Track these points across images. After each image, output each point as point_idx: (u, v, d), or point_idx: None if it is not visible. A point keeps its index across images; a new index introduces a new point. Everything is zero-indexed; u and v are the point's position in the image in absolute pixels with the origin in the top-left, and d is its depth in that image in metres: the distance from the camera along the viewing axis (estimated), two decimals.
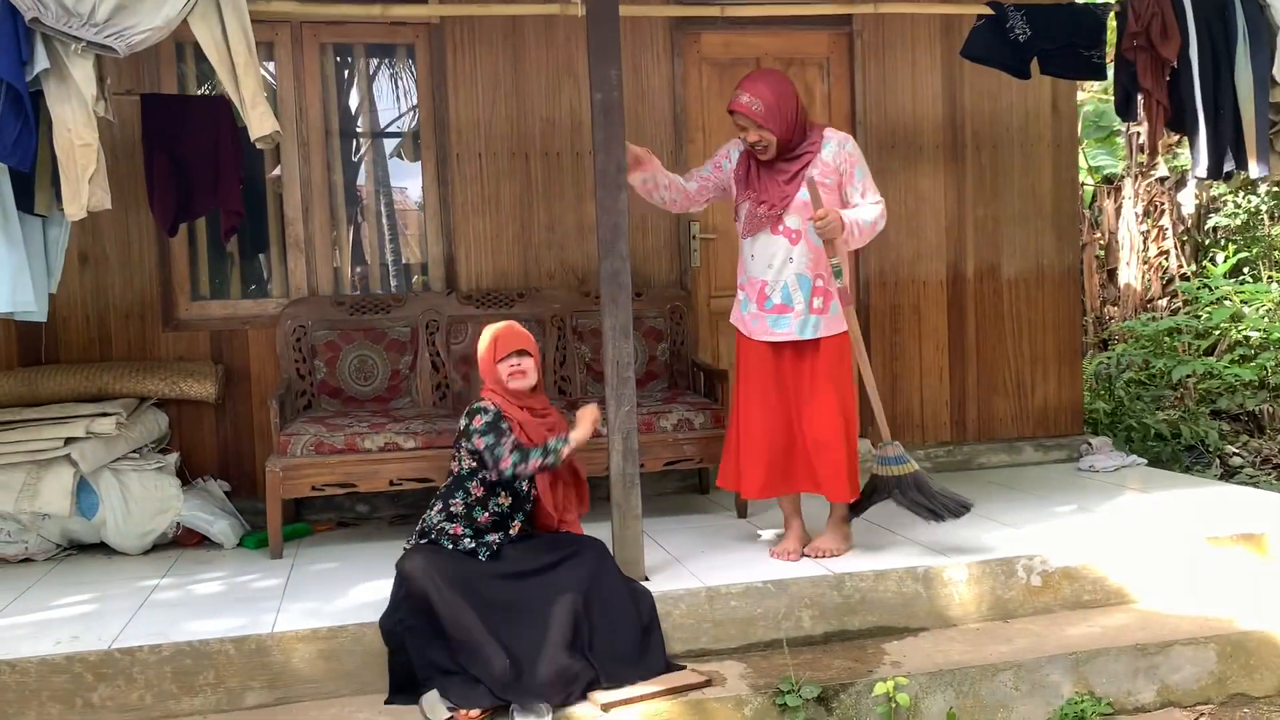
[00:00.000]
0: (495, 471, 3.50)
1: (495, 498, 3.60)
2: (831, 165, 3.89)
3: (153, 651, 3.32)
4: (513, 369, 3.61)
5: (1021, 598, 3.92)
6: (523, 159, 5.26)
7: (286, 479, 4.32)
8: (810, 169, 3.86)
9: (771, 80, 3.89)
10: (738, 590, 3.69)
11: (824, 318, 3.92)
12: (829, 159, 3.89)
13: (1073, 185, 5.92)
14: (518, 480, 3.55)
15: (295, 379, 4.93)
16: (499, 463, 3.48)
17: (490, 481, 3.56)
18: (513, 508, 3.63)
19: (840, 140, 3.93)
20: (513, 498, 3.62)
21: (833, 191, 3.89)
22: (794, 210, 3.88)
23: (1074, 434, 5.93)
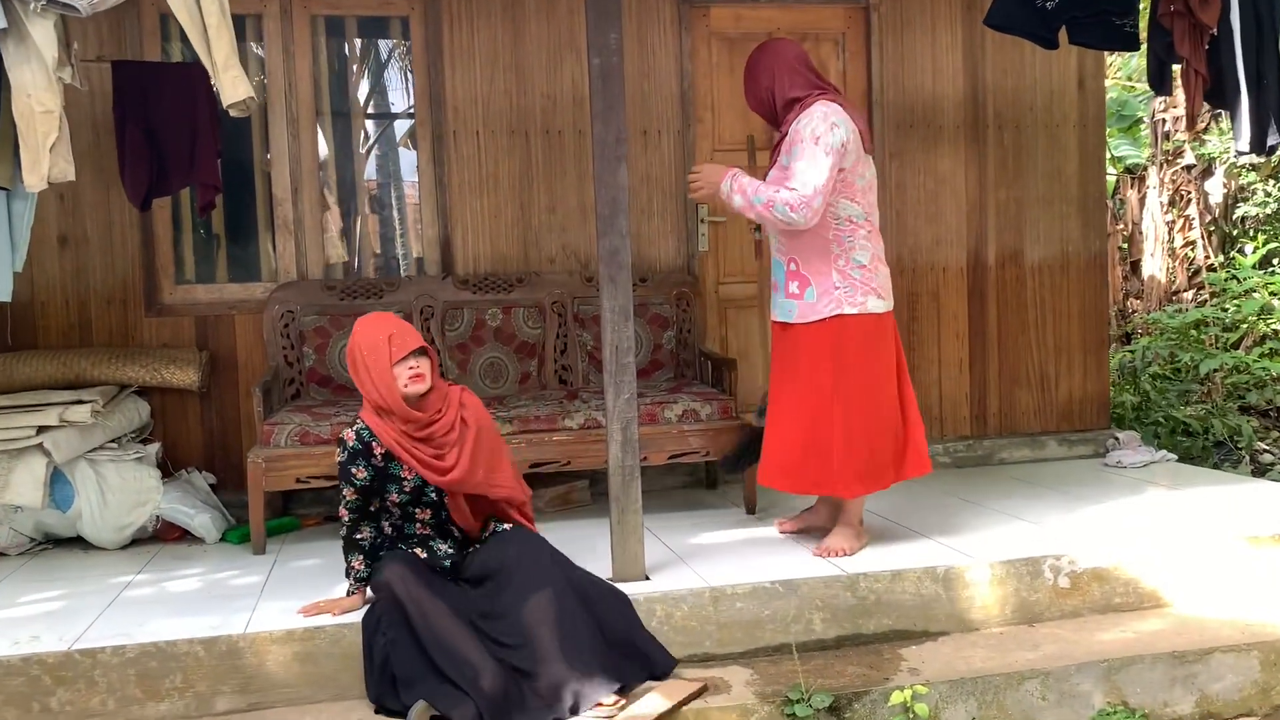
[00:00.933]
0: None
1: (412, 515, 3.32)
2: (788, 144, 3.64)
3: (116, 653, 3.09)
4: (413, 373, 3.14)
5: (1048, 600, 3.67)
6: (522, 137, 5.02)
7: (270, 471, 4.10)
8: (783, 145, 3.68)
9: (752, 57, 3.80)
10: (744, 591, 3.45)
11: (798, 303, 3.73)
12: (790, 134, 3.64)
13: (1099, 167, 5.65)
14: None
15: (283, 366, 4.71)
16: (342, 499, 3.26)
17: (395, 504, 3.28)
18: (435, 517, 3.33)
19: (811, 113, 3.59)
20: (430, 509, 3.31)
21: (781, 169, 3.66)
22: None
23: (1099, 428, 5.67)
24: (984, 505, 4.51)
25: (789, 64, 3.70)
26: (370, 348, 3.14)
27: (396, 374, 3.13)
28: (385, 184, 5.69)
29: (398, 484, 3.25)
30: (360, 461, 3.21)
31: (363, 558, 3.31)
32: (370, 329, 3.18)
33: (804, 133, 3.54)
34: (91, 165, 4.60)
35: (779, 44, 3.81)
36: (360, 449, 3.21)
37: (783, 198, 3.52)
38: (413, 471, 3.20)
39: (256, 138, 4.93)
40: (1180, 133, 9.26)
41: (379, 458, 3.21)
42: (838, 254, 3.67)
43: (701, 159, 5.21)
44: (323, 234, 4.97)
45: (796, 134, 3.56)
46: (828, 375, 3.68)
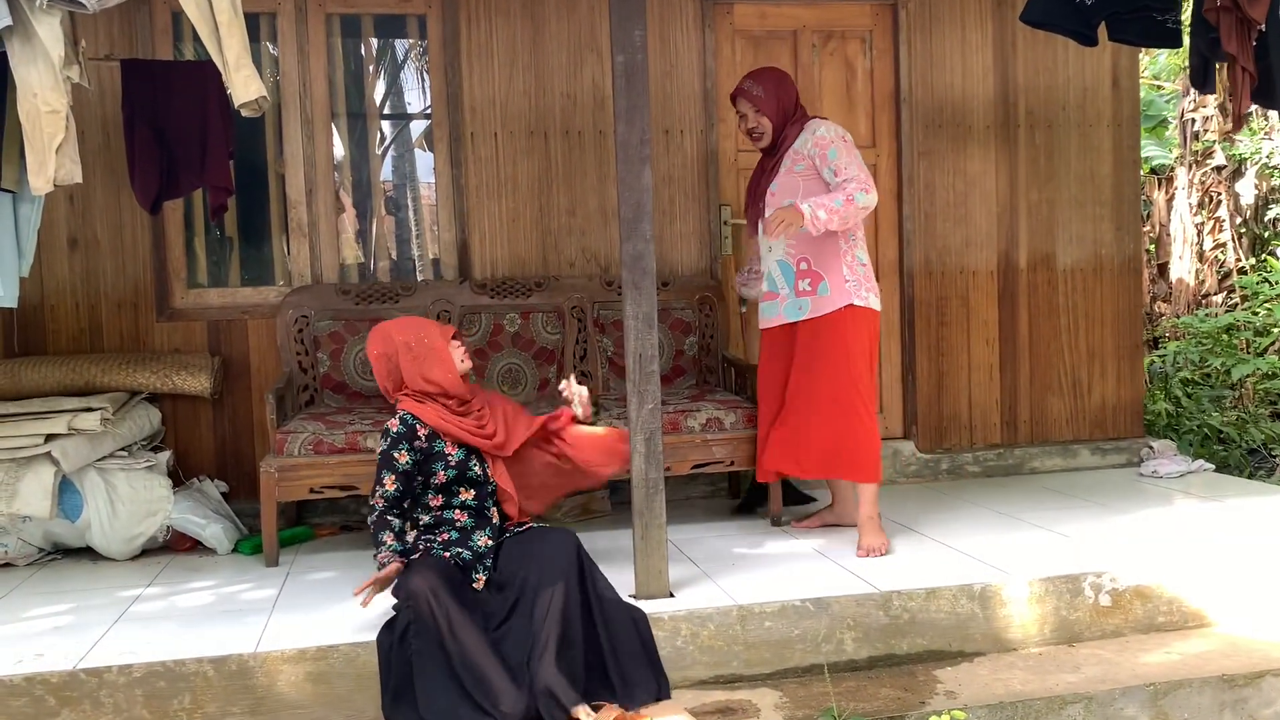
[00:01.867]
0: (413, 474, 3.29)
1: (456, 495, 3.33)
2: (803, 153, 3.91)
3: (122, 672, 2.99)
4: (464, 350, 3.40)
5: (1089, 619, 3.52)
6: (541, 138, 4.90)
7: (282, 480, 3.99)
8: (785, 160, 3.94)
9: (774, 71, 4.04)
10: (773, 609, 3.32)
11: (812, 299, 3.93)
12: (800, 146, 3.92)
13: (1134, 168, 5.49)
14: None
15: (297, 372, 4.60)
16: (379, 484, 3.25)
17: (442, 484, 3.30)
18: (478, 498, 3.34)
19: (813, 127, 3.92)
20: (474, 488, 3.34)
21: (807, 178, 3.89)
22: (769, 203, 3.96)
23: (1133, 436, 5.51)
24: (1017, 517, 4.37)
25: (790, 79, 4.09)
26: (418, 338, 3.31)
27: (454, 352, 3.34)
28: (401, 186, 5.58)
29: (443, 461, 3.29)
30: (404, 445, 3.26)
31: (393, 536, 3.21)
32: (407, 326, 3.36)
33: (828, 137, 3.87)
34: (103, 167, 4.51)
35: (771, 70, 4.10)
36: (405, 432, 3.27)
37: (854, 188, 3.75)
38: (457, 446, 3.30)
39: (270, 139, 4.82)
40: (1210, 132, 9.07)
41: (423, 439, 3.28)
42: (845, 250, 3.91)
43: (725, 159, 5.09)
44: (338, 237, 4.86)
45: (821, 142, 3.87)
46: (851, 362, 3.89)
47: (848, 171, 3.80)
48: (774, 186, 3.94)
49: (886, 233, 5.27)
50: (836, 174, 3.81)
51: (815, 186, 3.87)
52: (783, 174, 3.93)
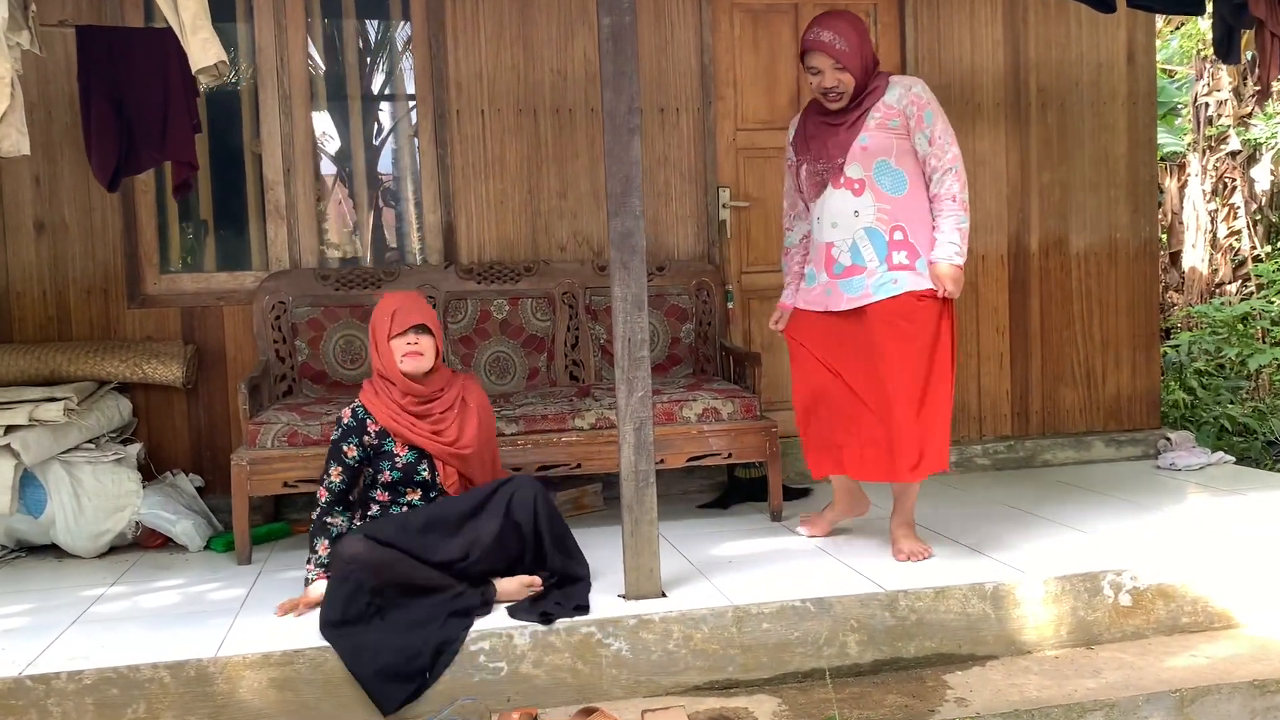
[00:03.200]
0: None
1: (402, 495, 3.27)
2: (897, 108, 3.42)
3: (72, 679, 2.78)
4: (409, 348, 3.20)
5: (1108, 620, 3.31)
6: (530, 116, 4.69)
7: (254, 473, 3.78)
8: (872, 113, 3.43)
9: (851, 19, 3.46)
10: (771, 610, 3.11)
11: (909, 274, 3.43)
12: (893, 101, 3.43)
13: (1150, 148, 5.27)
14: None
15: (274, 361, 4.39)
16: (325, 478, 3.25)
17: (387, 483, 3.25)
18: (424, 499, 3.29)
19: (908, 83, 3.47)
20: (420, 489, 3.28)
21: (900, 136, 3.43)
22: (854, 157, 3.45)
23: (1149, 428, 5.29)
24: (1030, 512, 4.15)
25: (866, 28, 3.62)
26: (378, 321, 3.23)
27: (394, 347, 3.19)
28: (386, 167, 5.36)
29: (390, 460, 3.23)
30: (353, 439, 3.22)
31: (328, 545, 3.18)
32: (383, 304, 3.27)
33: (924, 97, 3.43)
34: (71, 146, 4.30)
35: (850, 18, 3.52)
36: (355, 426, 3.23)
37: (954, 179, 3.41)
38: (405, 448, 3.22)
39: (247, 118, 4.61)
40: (1225, 117, 8.83)
41: (373, 435, 3.23)
42: (930, 220, 3.49)
43: (723, 139, 4.87)
44: (318, 221, 4.65)
45: (915, 99, 3.42)
46: (943, 343, 3.47)
47: (945, 147, 3.39)
48: (864, 140, 3.41)
49: None
50: (931, 143, 3.39)
51: (908, 147, 3.43)
52: (874, 128, 3.41)
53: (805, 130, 3.61)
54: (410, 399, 3.22)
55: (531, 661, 2.96)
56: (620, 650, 3.01)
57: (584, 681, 2.99)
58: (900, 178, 3.43)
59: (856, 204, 3.45)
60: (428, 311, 3.27)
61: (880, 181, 3.42)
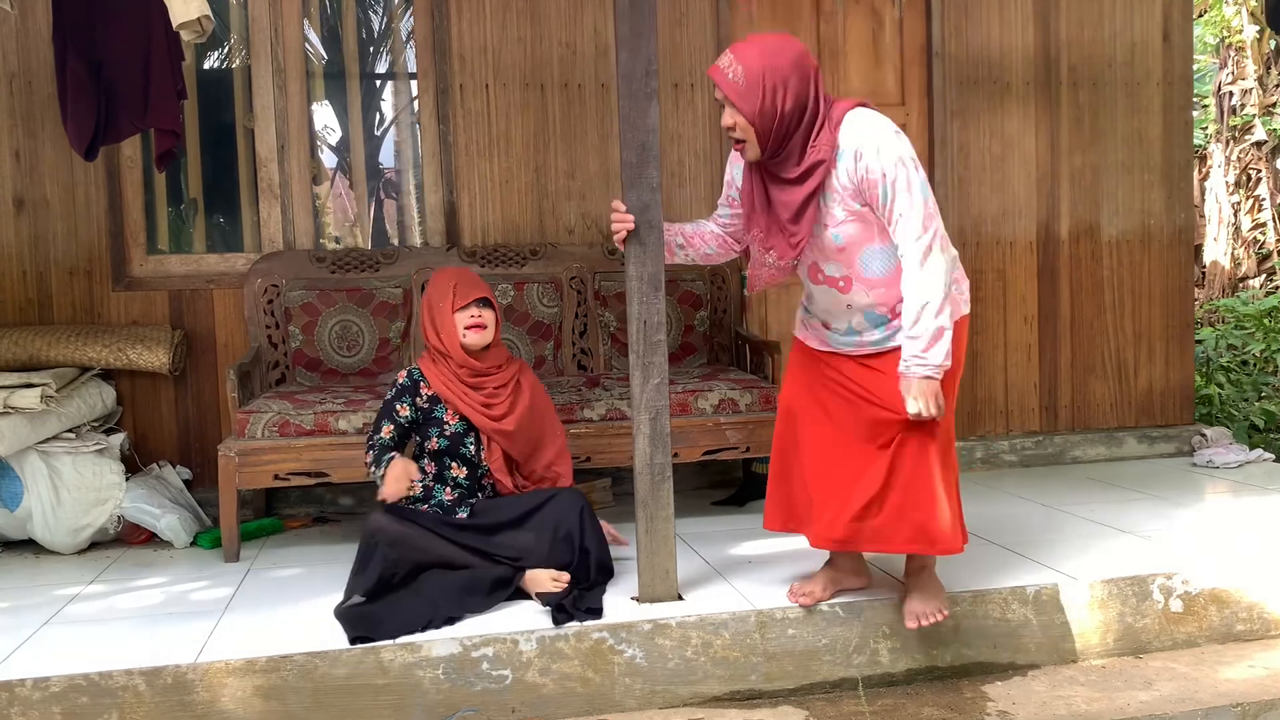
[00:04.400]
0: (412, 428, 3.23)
1: (448, 469, 3.21)
2: (851, 186, 2.62)
3: (38, 686, 2.55)
4: (473, 319, 3.16)
5: (1158, 627, 3.08)
6: (538, 91, 4.45)
7: (243, 466, 3.56)
8: (830, 196, 2.65)
9: (768, 46, 2.63)
10: (797, 615, 2.88)
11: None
12: (844, 176, 2.62)
13: (1186, 131, 5.03)
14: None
15: (266, 347, 4.16)
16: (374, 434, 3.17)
17: (435, 452, 3.20)
18: (470, 478, 3.22)
19: (858, 146, 2.58)
20: (466, 466, 3.22)
21: (866, 219, 2.65)
22: (829, 257, 2.72)
23: (1183, 423, 5.05)
24: (1066, 511, 3.92)
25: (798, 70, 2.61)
26: (439, 294, 3.19)
27: (458, 320, 3.16)
28: (388, 159, 5.15)
29: (439, 427, 3.19)
30: (406, 399, 3.20)
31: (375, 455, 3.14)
32: (442, 277, 3.23)
33: (880, 162, 2.57)
34: (52, 118, 4.06)
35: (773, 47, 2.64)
36: (409, 386, 3.21)
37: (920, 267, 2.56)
38: (456, 417, 3.19)
39: (239, 92, 4.38)
40: (1250, 107, 8.60)
41: (424, 398, 3.21)
42: None
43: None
44: (312, 200, 4.42)
45: (868, 173, 2.58)
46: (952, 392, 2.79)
47: (918, 225, 2.55)
48: (837, 238, 2.66)
49: None
50: (893, 222, 2.59)
51: (866, 230, 2.67)
52: (843, 221, 2.65)
53: (752, 187, 2.78)
54: (465, 370, 3.19)
55: (538, 669, 2.73)
56: (634, 657, 2.78)
57: (595, 691, 2.76)
58: (891, 252, 2.67)
59: (846, 299, 2.76)
60: (485, 285, 3.23)
61: (868, 268, 2.69)
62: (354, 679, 2.66)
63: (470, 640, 2.71)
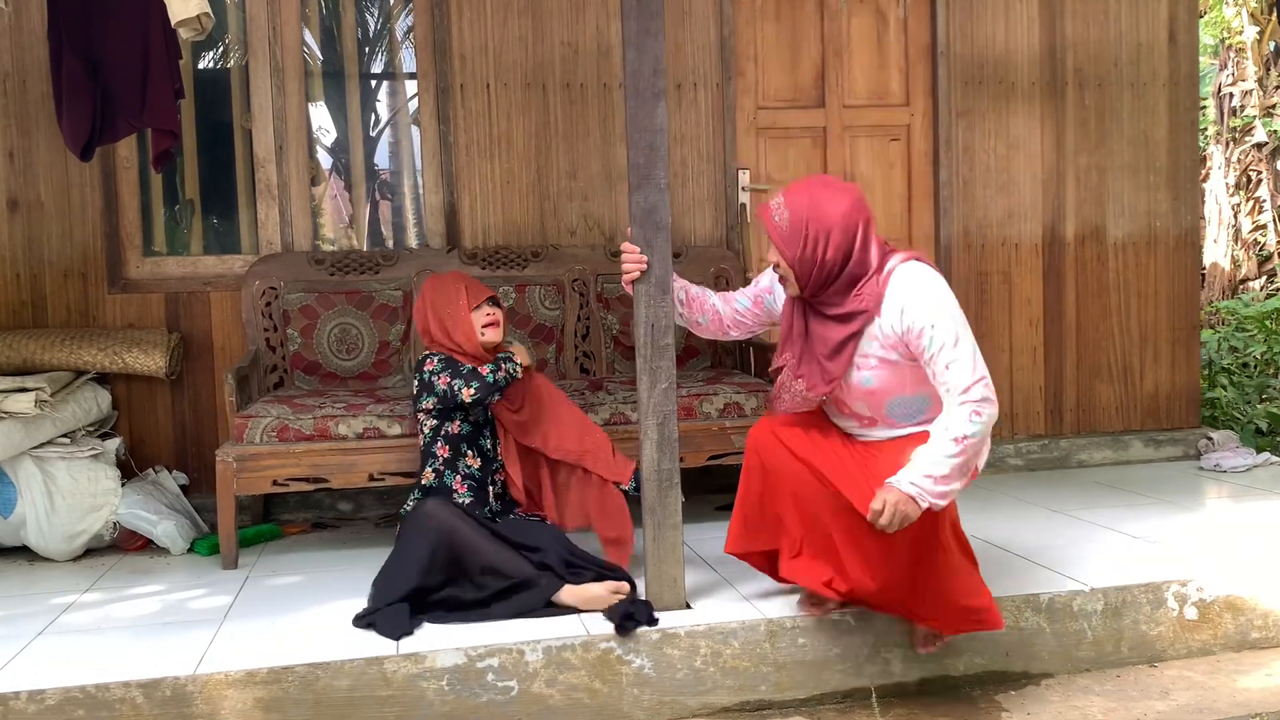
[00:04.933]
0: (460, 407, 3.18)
1: (462, 458, 3.23)
2: (893, 336, 2.61)
3: (33, 699, 2.49)
4: (489, 317, 3.24)
5: (1172, 635, 3.03)
6: (539, 91, 4.40)
7: (242, 471, 3.49)
8: (867, 341, 2.64)
9: (818, 195, 2.63)
10: (807, 623, 2.83)
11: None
12: (887, 327, 2.61)
13: (1192, 131, 4.99)
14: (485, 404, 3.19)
15: (264, 350, 4.10)
16: (461, 393, 3.12)
17: (454, 436, 3.21)
18: (483, 471, 3.25)
19: (905, 301, 2.57)
20: (480, 459, 3.25)
21: (900, 369, 2.65)
22: (846, 392, 2.72)
23: (1189, 427, 5.01)
24: (1074, 515, 3.88)
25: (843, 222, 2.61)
26: (446, 298, 3.22)
27: (475, 319, 3.21)
28: (383, 160, 5.08)
29: (463, 413, 3.23)
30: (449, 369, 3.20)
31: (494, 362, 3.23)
32: (442, 283, 3.26)
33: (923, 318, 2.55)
34: (47, 118, 4.00)
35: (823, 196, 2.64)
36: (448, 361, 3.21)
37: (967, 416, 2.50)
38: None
39: (236, 92, 4.32)
40: (1250, 108, 8.57)
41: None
42: None
43: (743, 117, 4.59)
44: (310, 201, 4.36)
45: (910, 329, 2.57)
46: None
47: (969, 371, 2.51)
48: (867, 380, 2.66)
49: (921, 201, 4.77)
50: (938, 374, 2.55)
51: (920, 374, 2.64)
52: (876, 365, 2.65)
53: (793, 313, 2.75)
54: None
55: (545, 680, 2.68)
56: (642, 668, 2.73)
57: (602, 703, 2.71)
58: (920, 402, 2.70)
59: (868, 433, 2.78)
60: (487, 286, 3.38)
61: (894, 413, 2.72)
62: (357, 690, 2.60)
63: (475, 650, 2.66)
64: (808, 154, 4.67)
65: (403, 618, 2.77)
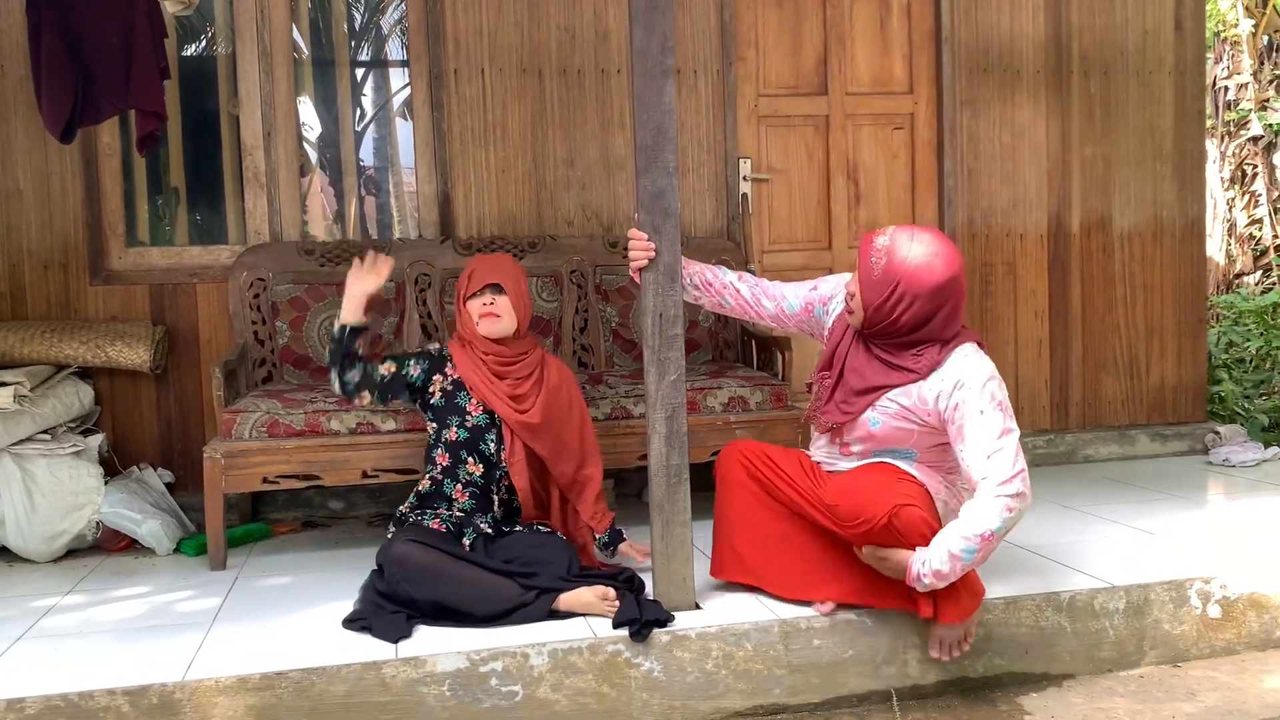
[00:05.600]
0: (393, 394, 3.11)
1: (463, 465, 3.03)
2: (930, 405, 2.62)
3: (12, 708, 2.36)
4: (485, 309, 3.02)
5: (1195, 634, 2.94)
6: (535, 77, 4.28)
7: (230, 468, 3.37)
8: (899, 396, 2.66)
9: (922, 259, 2.59)
10: (823, 624, 2.72)
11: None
12: (930, 395, 2.62)
13: (1199, 120, 4.91)
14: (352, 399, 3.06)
15: (252, 344, 3.97)
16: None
17: (452, 443, 3.02)
18: (486, 478, 3.04)
19: (957, 379, 2.58)
20: (483, 464, 3.03)
21: (924, 431, 2.66)
22: (857, 431, 2.74)
23: (1195, 421, 4.94)
24: (1086, 511, 3.79)
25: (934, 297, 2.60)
26: (460, 282, 3.11)
27: (470, 309, 3.04)
28: (370, 139, 4.96)
29: (460, 417, 3.03)
30: (425, 363, 3.10)
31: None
32: (470, 263, 3.12)
33: (969, 401, 2.57)
34: (26, 103, 3.86)
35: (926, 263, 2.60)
36: (436, 360, 3.11)
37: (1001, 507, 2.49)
38: (480, 408, 3.02)
39: (223, 77, 4.18)
40: (1245, 101, 8.51)
41: (448, 379, 3.08)
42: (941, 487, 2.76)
43: (744, 105, 4.48)
44: (300, 191, 4.23)
45: (955, 406, 2.58)
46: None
47: (1004, 464, 2.50)
48: (875, 423, 2.68)
49: (925, 191, 4.68)
50: (970, 457, 2.55)
51: (930, 443, 2.69)
52: (891, 414, 2.66)
53: (842, 339, 2.79)
54: (493, 358, 3.05)
55: (550, 685, 2.56)
56: (651, 671, 2.62)
57: (610, 707, 2.59)
58: (908, 456, 2.72)
59: (836, 464, 2.83)
60: (508, 271, 3.06)
61: (878, 457, 2.75)
62: (354, 696, 2.48)
63: (478, 654, 2.54)
64: (810, 142, 4.56)
65: (400, 620, 2.66)
